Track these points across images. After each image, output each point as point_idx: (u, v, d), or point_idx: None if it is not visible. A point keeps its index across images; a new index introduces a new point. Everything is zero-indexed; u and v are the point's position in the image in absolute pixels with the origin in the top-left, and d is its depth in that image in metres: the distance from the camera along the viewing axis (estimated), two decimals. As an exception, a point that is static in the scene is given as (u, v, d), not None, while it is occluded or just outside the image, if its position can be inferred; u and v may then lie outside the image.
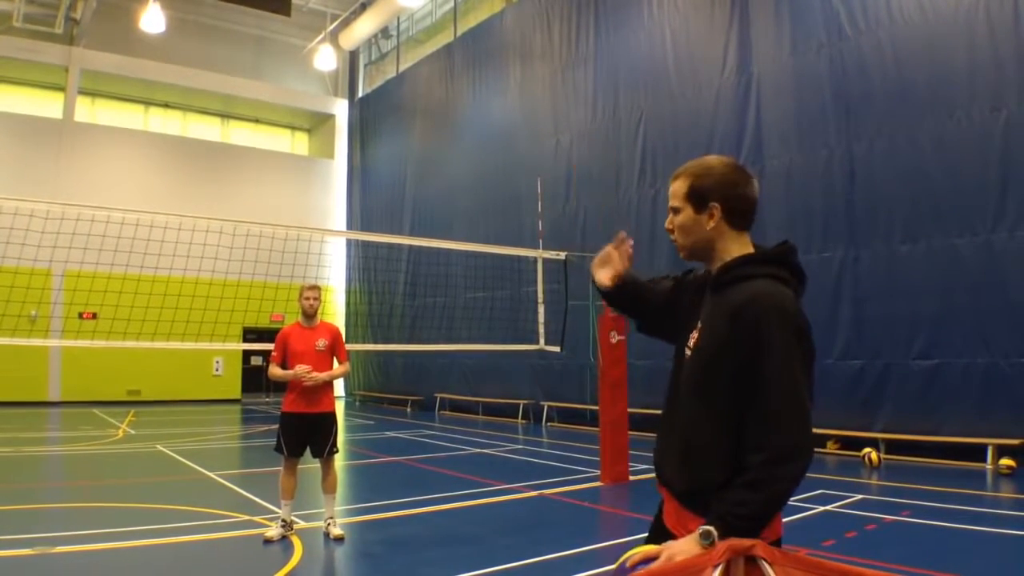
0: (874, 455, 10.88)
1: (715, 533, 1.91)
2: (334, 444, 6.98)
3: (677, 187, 2.29)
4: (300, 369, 6.70)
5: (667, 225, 2.34)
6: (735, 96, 14.27)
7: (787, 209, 13.04)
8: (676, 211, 2.29)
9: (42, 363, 22.87)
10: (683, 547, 1.92)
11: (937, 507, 8.00)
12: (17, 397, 21.83)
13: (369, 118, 28.10)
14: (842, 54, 12.63)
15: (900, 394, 11.60)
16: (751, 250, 2.27)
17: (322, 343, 6.93)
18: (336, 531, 6.78)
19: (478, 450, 13.35)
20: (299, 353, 6.85)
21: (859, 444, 11.58)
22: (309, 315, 7.00)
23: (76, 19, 23.60)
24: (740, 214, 2.24)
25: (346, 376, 13.93)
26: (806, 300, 2.22)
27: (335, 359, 7.08)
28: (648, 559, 1.93)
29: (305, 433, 6.88)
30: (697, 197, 2.23)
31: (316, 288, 7.10)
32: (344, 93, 30.07)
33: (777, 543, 2.01)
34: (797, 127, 13.23)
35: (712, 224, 2.23)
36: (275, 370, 6.92)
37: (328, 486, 6.94)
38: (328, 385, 6.98)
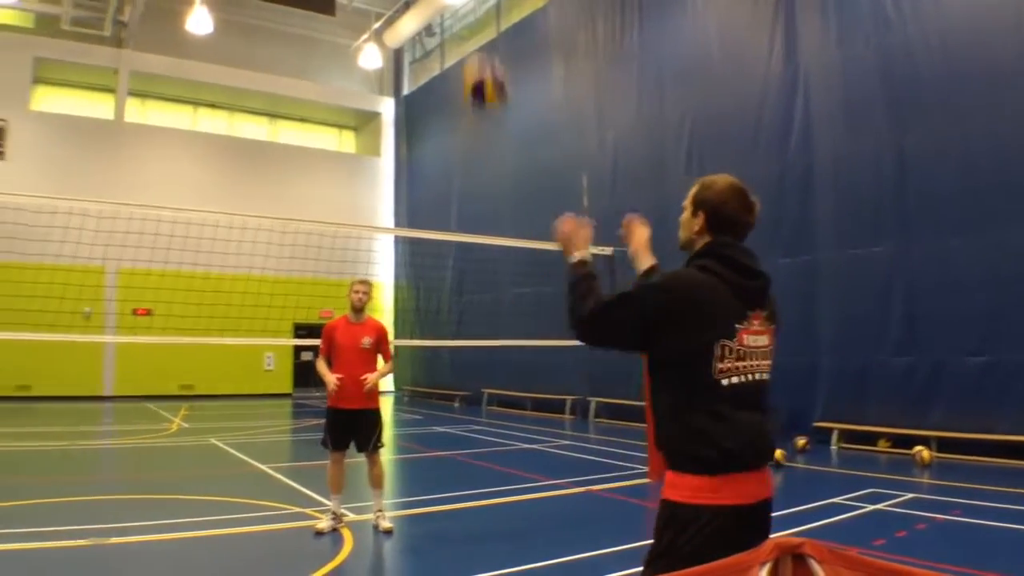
0: (925, 453, 10.69)
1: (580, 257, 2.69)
2: (379, 439, 7.05)
3: (691, 191, 2.77)
4: (333, 382, 6.83)
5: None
6: (782, 88, 14.08)
7: (835, 201, 12.87)
8: (683, 209, 2.78)
9: (96, 359, 23.40)
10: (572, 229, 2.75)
11: (990, 507, 7.85)
12: (72, 392, 22.42)
13: (415, 115, 28.26)
14: (890, 45, 12.39)
15: (953, 391, 11.36)
16: None
17: (367, 341, 6.98)
18: (386, 524, 6.86)
19: (526, 446, 13.38)
20: (344, 348, 6.94)
21: (910, 442, 11.37)
22: (357, 309, 7.06)
23: (124, 22, 24.06)
24: (720, 226, 2.64)
25: (392, 373, 14.02)
26: (853, 295, 2.23)
27: (380, 357, 7.15)
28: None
29: (349, 428, 6.97)
30: (696, 203, 2.71)
31: (366, 283, 7.16)
32: (390, 91, 30.25)
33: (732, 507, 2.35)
34: (845, 119, 13.00)
35: (697, 227, 2.69)
36: (322, 367, 7.05)
37: (374, 480, 7.03)
38: (371, 382, 7.06)
